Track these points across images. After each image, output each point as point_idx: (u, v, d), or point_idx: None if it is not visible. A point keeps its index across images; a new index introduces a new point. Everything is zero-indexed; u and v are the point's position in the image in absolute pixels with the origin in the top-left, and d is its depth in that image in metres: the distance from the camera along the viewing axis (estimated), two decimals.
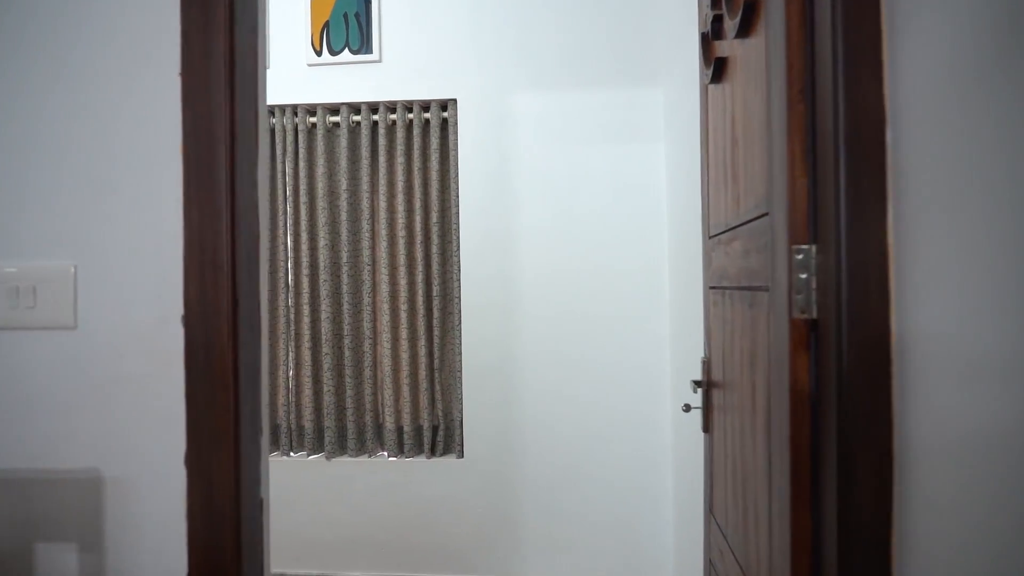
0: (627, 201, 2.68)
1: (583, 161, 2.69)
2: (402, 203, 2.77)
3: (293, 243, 2.81)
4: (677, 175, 2.41)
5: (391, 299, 2.78)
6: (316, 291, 2.84)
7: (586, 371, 2.69)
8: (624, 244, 2.68)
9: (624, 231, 2.68)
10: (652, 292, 2.67)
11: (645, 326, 2.67)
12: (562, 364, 2.70)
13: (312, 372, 2.80)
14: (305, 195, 2.79)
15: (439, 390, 2.78)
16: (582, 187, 2.69)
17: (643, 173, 2.67)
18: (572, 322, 2.69)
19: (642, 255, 2.67)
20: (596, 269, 2.69)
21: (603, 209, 2.68)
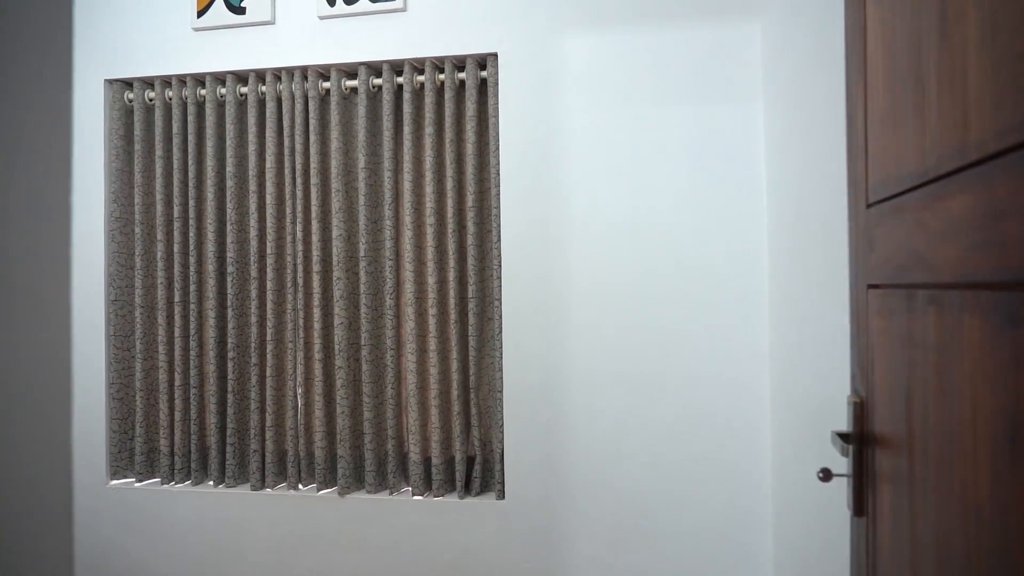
0: (712, 177, 2.08)
1: (654, 127, 2.12)
2: (431, 184, 2.26)
3: (303, 233, 2.34)
4: (786, 139, 1.80)
5: (417, 301, 2.27)
6: (328, 291, 2.36)
7: (659, 395, 2.11)
8: (708, 233, 2.08)
9: (709, 216, 2.08)
10: (746, 295, 2.06)
11: (736, 340, 2.07)
12: (628, 386, 2.13)
13: (324, 388, 2.32)
14: (317, 175, 2.31)
15: (475, 414, 2.25)
16: (653, 161, 2.12)
17: (734, 140, 2.07)
18: (641, 333, 2.12)
19: (732, 248, 2.07)
20: (671, 265, 2.10)
21: (681, 189, 2.10)
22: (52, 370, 2.26)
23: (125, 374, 2.47)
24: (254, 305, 2.35)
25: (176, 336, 2.41)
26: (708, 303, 2.08)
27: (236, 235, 2.38)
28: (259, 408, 2.36)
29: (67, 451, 2.18)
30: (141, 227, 2.44)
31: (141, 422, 2.43)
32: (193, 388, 2.40)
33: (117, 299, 2.44)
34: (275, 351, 2.35)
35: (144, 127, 2.45)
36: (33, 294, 2.23)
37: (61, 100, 2.19)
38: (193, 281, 2.40)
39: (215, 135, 2.39)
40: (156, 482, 2.45)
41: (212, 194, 2.38)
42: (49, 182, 2.26)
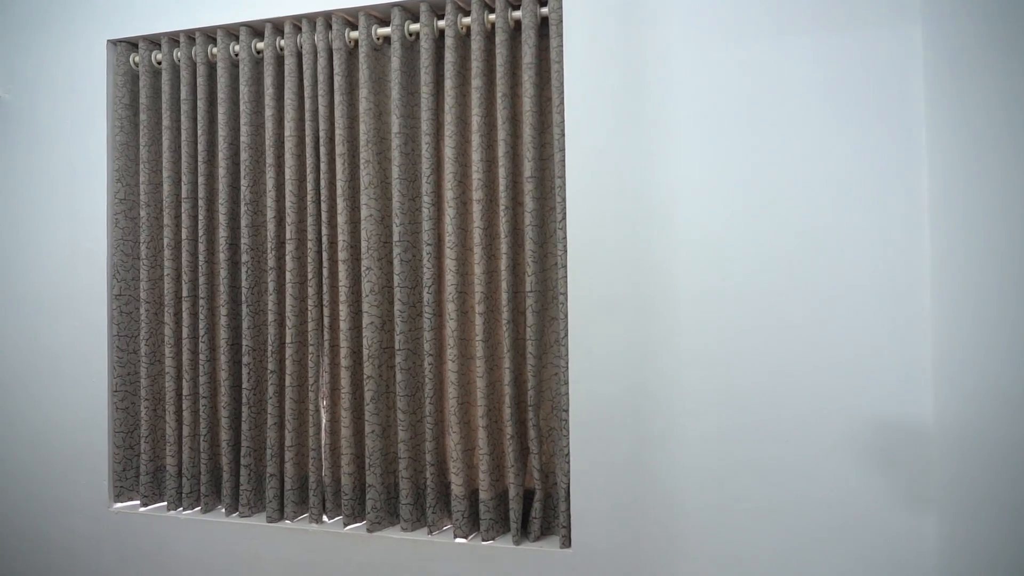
0: (855, 134, 1.55)
1: (774, 68, 1.60)
2: (479, 151, 1.82)
3: (327, 214, 1.94)
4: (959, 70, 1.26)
5: (461, 296, 1.83)
6: (357, 284, 1.95)
7: (779, 421, 1.59)
8: (849, 209, 1.56)
9: (850, 187, 1.56)
10: (901, 291, 1.52)
11: (887, 350, 1.53)
12: (737, 408, 1.62)
13: (351, 402, 1.91)
14: (343, 143, 1.91)
15: (533, 438, 1.79)
16: (774, 113, 1.60)
17: (883, 80, 1.54)
18: (756, 338, 1.61)
19: (882, 229, 1.54)
20: (799, 250, 1.59)
21: (812, 151, 1.58)
22: (49, 375, 1.93)
23: (130, 380, 2.13)
24: (271, 301, 1.97)
25: (184, 337, 2.05)
26: (850, 301, 1.55)
27: (251, 218, 2.00)
28: (277, 424, 1.97)
29: (66, 468, 1.84)
30: (147, 210, 2.10)
31: (147, 436, 2.09)
32: (203, 398, 2.03)
33: (121, 293, 2.11)
34: (295, 356, 1.96)
35: (150, 93, 2.11)
36: (27, 288, 1.88)
37: (61, 65, 1.84)
38: (203, 272, 2.04)
39: (228, 99, 2.02)
40: (162, 507, 2.11)
41: (224, 169, 2.01)
42: (47, 161, 1.92)
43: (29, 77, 2.17)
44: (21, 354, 2.18)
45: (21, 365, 2.18)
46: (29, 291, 2.16)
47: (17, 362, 2.18)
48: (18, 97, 2.18)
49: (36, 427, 2.16)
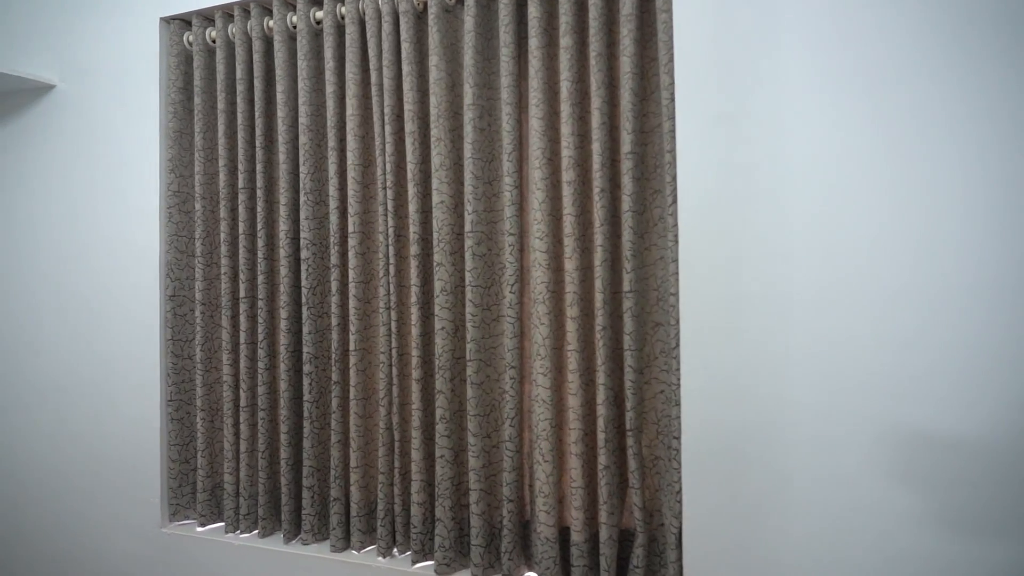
0: (987, 130, 1.17)
1: (912, 27, 1.23)
2: (569, 123, 1.52)
3: (395, 203, 1.69)
4: None
5: (551, 298, 1.54)
6: (428, 282, 1.69)
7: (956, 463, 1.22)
8: (975, 211, 1.17)
9: (978, 188, 1.17)
10: None
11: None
12: (898, 443, 1.26)
13: (423, 420, 1.65)
14: (412, 120, 1.65)
15: (635, 469, 1.48)
16: (905, 90, 1.23)
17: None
18: (927, 355, 1.24)
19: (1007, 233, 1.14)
20: (915, 252, 1.21)
21: (941, 140, 1.20)
22: (101, 381, 1.69)
23: (185, 389, 1.95)
24: (334, 303, 1.74)
25: (241, 343, 1.85)
26: (967, 307, 1.17)
27: (312, 209, 1.78)
28: (341, 442, 1.74)
29: (119, 483, 1.64)
30: (202, 202, 1.91)
31: (204, 451, 1.90)
32: (262, 411, 1.83)
33: (175, 294, 1.93)
34: (360, 365, 1.72)
35: (205, 75, 1.92)
36: (79, 289, 1.61)
37: (113, 49, 1.53)
38: (261, 271, 1.83)
39: (286, 76, 1.80)
40: (220, 528, 1.91)
41: (284, 155, 1.80)
42: (100, 152, 1.50)
43: (83, 64, 2.03)
44: (72, 358, 2.04)
45: (72, 370, 2.04)
46: (81, 292, 2.02)
47: (68, 367, 2.04)
48: (73, 86, 2.04)
49: (88, 437, 2.01)
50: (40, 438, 2.08)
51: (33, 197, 2.09)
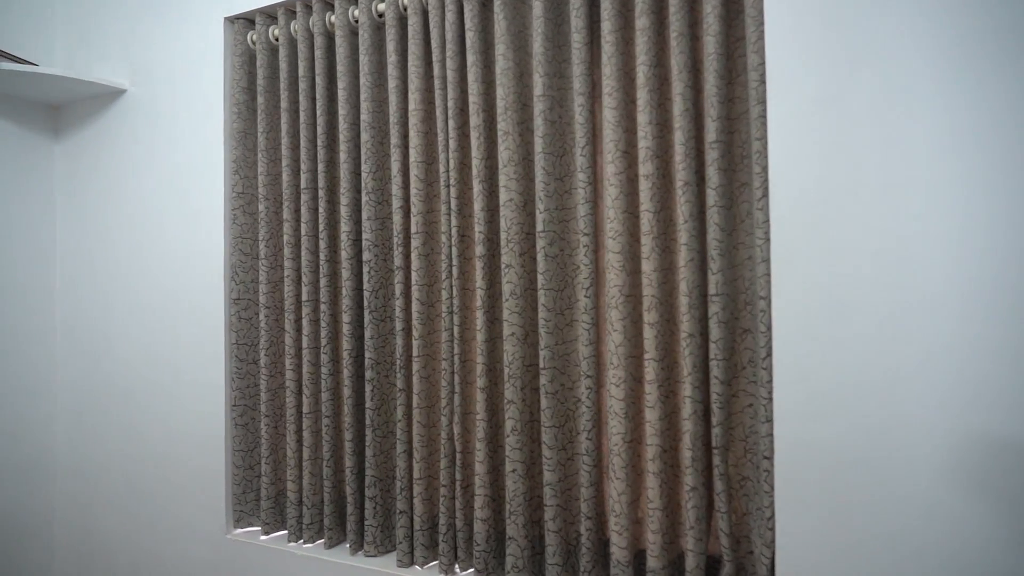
0: None
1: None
2: (647, 111, 1.39)
3: (458, 201, 1.60)
4: None
5: (626, 302, 1.42)
6: (494, 285, 1.59)
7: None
8: None
9: None
10: None
11: None
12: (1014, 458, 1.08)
13: (488, 432, 1.56)
14: (478, 114, 1.56)
15: (721, 491, 1.34)
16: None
17: None
18: None
19: None
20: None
21: None
22: (169, 385, 1.61)
23: (250, 394, 1.92)
24: (398, 306, 1.66)
25: (304, 347, 1.80)
26: None
27: (374, 209, 1.71)
28: (406, 452, 1.67)
29: (186, 488, 1.62)
30: (266, 203, 1.87)
31: (267, 457, 1.86)
32: (326, 417, 1.77)
33: (240, 297, 1.90)
34: (424, 372, 1.64)
35: (268, 74, 1.88)
36: (148, 293, 1.53)
37: (179, 50, 1.46)
38: (324, 273, 1.77)
39: (348, 72, 1.74)
40: (283, 536, 1.87)
41: (346, 154, 1.74)
42: (167, 154, 1.41)
43: (151, 67, 2.02)
44: (142, 361, 2.04)
45: (142, 373, 2.04)
46: (151, 296, 2.01)
47: (138, 370, 2.04)
48: (142, 89, 2.04)
49: (157, 440, 2.01)
50: (112, 441, 2.09)
51: (107, 201, 2.10)
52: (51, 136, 2.19)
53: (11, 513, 2.08)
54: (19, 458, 2.10)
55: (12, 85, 1.98)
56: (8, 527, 2.07)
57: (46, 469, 2.17)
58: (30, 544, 2.13)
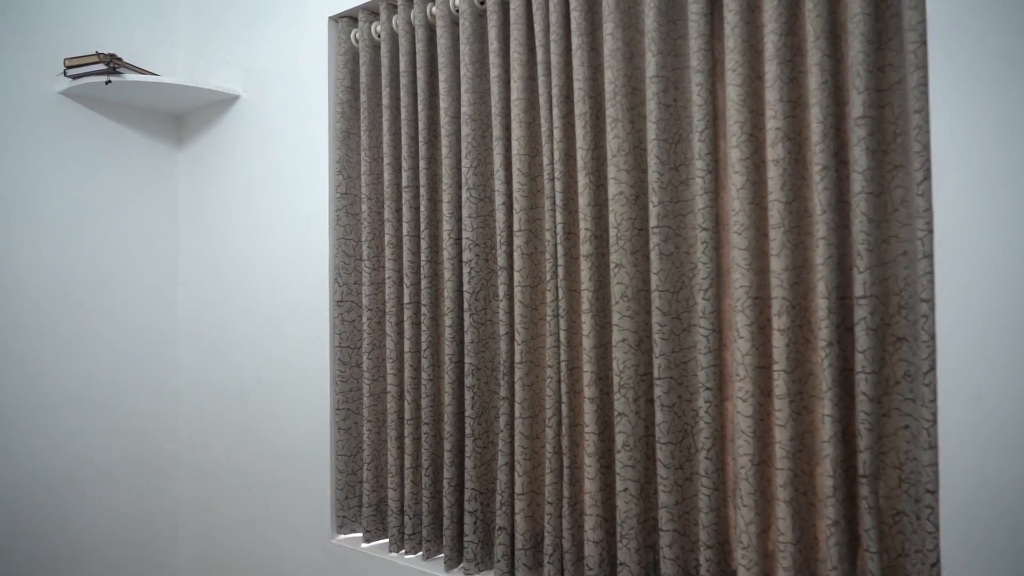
0: None
1: None
2: (776, 86, 1.22)
3: (564, 196, 1.48)
4: None
5: (754, 306, 1.25)
6: (603, 286, 1.46)
7: None
8: None
9: None
10: None
11: None
12: None
13: (599, 446, 1.43)
14: (584, 101, 1.43)
15: (871, 527, 1.14)
16: None
17: None
18: None
19: None
20: None
21: None
22: (278, 386, 1.54)
23: (353, 398, 1.89)
24: (500, 309, 1.57)
25: (406, 351, 1.74)
26: None
27: (475, 206, 1.63)
28: (508, 464, 1.57)
29: (292, 490, 1.60)
30: (368, 203, 1.83)
31: (369, 463, 1.82)
32: (426, 424, 1.70)
33: (343, 299, 1.87)
34: (527, 380, 1.53)
35: (370, 71, 1.84)
36: (260, 295, 1.57)
37: (286, 53, 1.46)
38: (425, 274, 1.71)
39: (448, 64, 1.66)
40: (384, 544, 1.82)
41: (447, 148, 1.66)
42: (276, 157, 1.49)
43: (262, 72, 2.05)
44: (255, 363, 2.06)
45: (255, 374, 2.06)
46: (263, 298, 2.03)
47: (252, 371, 2.07)
48: (254, 95, 2.07)
49: (268, 441, 2.02)
50: (229, 441, 2.13)
51: (223, 205, 2.15)
52: (175, 144, 2.28)
53: (140, 509, 2.17)
54: (146, 456, 2.19)
55: (138, 96, 2.06)
56: (137, 522, 2.16)
57: (171, 467, 2.25)
58: (157, 539, 2.21)
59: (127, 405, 2.15)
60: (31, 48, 1.95)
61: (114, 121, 2.13)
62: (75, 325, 2.03)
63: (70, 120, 2.03)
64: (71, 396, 2.02)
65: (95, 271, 2.08)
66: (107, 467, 2.10)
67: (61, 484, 2.00)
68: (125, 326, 2.14)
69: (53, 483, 1.98)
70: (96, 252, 2.08)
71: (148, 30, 2.20)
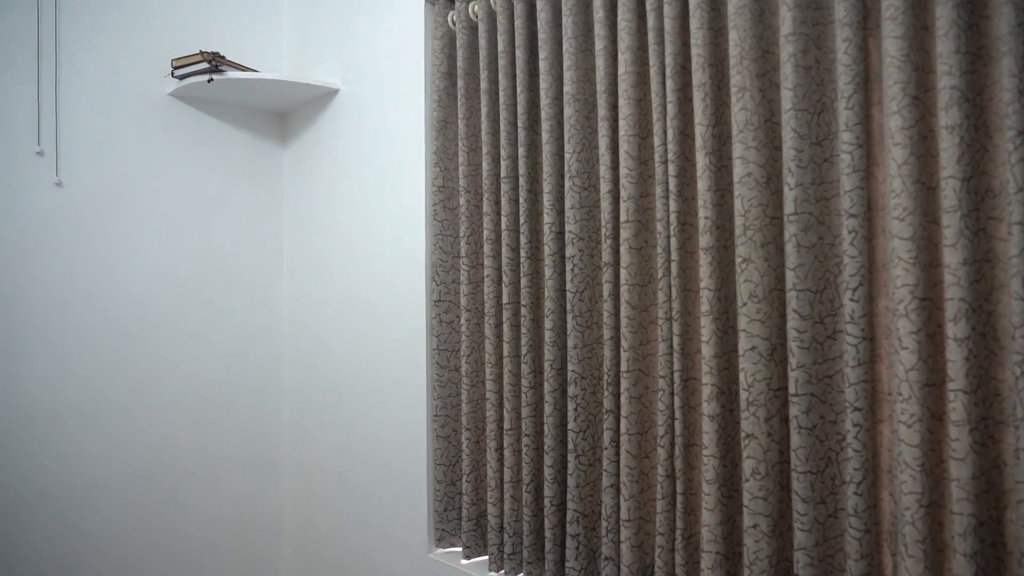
0: None
1: None
2: (949, 37, 0.97)
3: (678, 182, 1.28)
4: None
5: (920, 308, 1.01)
6: (727, 284, 1.25)
7: None
8: None
9: None
10: None
11: None
12: None
13: (720, 472, 1.22)
14: (702, 69, 1.23)
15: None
16: None
17: None
18: None
19: None
20: None
21: None
22: (376, 388, 1.34)
23: (451, 404, 1.77)
24: (606, 311, 1.40)
25: (505, 355, 1.60)
26: None
27: (579, 196, 1.46)
28: (614, 486, 1.39)
29: (391, 498, 1.51)
30: (466, 196, 1.71)
31: (469, 475, 1.70)
32: (526, 436, 1.56)
33: (441, 299, 1.76)
34: (636, 391, 1.35)
35: (467, 54, 1.72)
36: (360, 293, 1.51)
37: (382, 41, 1.38)
38: (525, 272, 1.57)
39: (550, 40, 1.51)
40: (483, 562, 1.70)
41: (548, 134, 1.51)
42: (373, 150, 1.56)
43: (360, 63, 1.98)
44: (355, 362, 2.00)
45: (355, 374, 2.00)
46: (362, 296, 1.97)
47: (352, 371, 2.01)
48: (353, 87, 2.00)
49: (367, 444, 1.95)
50: (328, 440, 2.09)
51: (324, 202, 2.11)
52: (279, 143, 2.27)
53: (246, 505, 2.17)
54: (252, 453, 2.19)
55: (241, 94, 2.05)
56: (243, 518, 2.16)
57: (276, 466, 2.24)
58: (262, 537, 2.20)
59: (235, 403, 2.15)
60: (141, 51, 1.98)
61: (220, 121, 2.13)
62: (185, 323, 2.05)
63: (178, 121, 2.05)
64: (182, 394, 2.04)
65: (204, 270, 2.09)
66: (215, 464, 2.11)
67: (172, 479, 2.02)
68: (233, 324, 2.15)
69: (164, 478, 2.01)
70: (204, 251, 2.09)
71: (255, 28, 2.19)
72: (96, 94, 1.92)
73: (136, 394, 1.97)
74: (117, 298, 1.94)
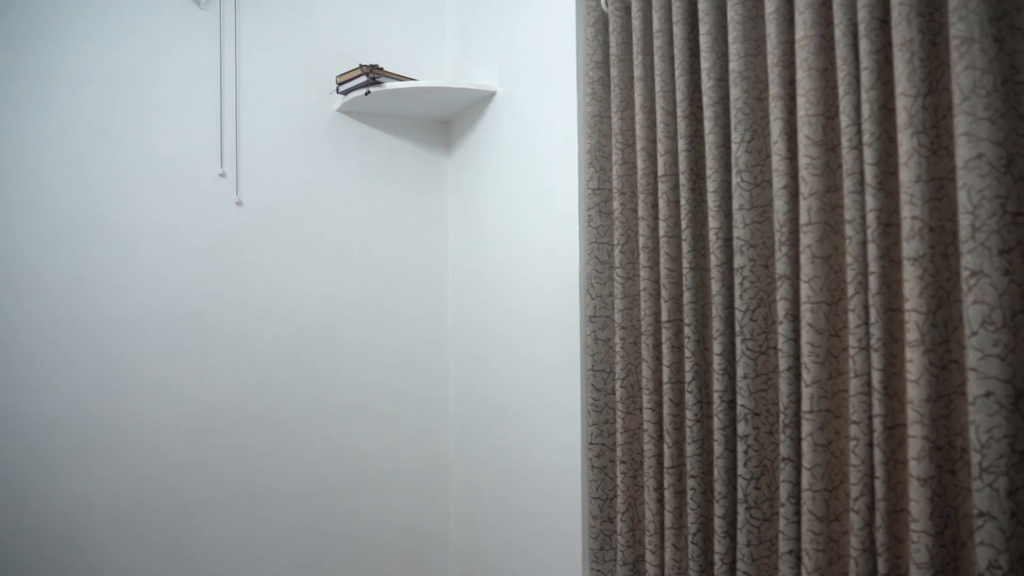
0: None
1: None
2: None
3: (877, 168, 0.99)
4: None
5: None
6: (949, 306, 0.94)
7: None
8: None
9: None
10: None
11: None
12: None
13: (933, 552, 0.92)
14: (905, 24, 0.93)
15: None
16: None
17: None
18: None
19: None
20: None
21: None
22: (536, 407, 1.49)
23: (607, 432, 1.59)
24: (782, 334, 1.13)
25: (665, 381, 1.39)
26: None
27: (749, 194, 1.21)
28: (793, 553, 1.12)
29: (541, 528, 1.39)
30: (621, 199, 1.52)
31: (624, 513, 1.50)
32: (692, 477, 1.33)
33: (596, 315, 1.59)
34: (821, 437, 1.07)
35: (622, 38, 1.52)
36: (516, 304, 1.40)
37: (534, 36, 1.29)
38: (688, 286, 1.34)
39: (712, 10, 1.27)
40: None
41: (712, 123, 1.27)
42: (527, 152, 1.48)
43: (514, 63, 1.86)
44: (512, 377, 1.89)
45: (513, 389, 1.88)
46: (520, 307, 1.85)
47: (510, 385, 1.89)
48: (509, 88, 1.89)
49: (522, 465, 1.83)
50: (489, 457, 2.00)
51: (483, 209, 2.02)
52: (443, 152, 2.23)
53: (413, 518, 2.15)
54: (419, 466, 2.17)
55: (400, 104, 2.04)
56: (409, 531, 2.15)
57: (441, 477, 2.20)
58: (429, 550, 2.18)
59: (401, 414, 2.15)
60: (309, 70, 2.03)
61: (386, 133, 2.14)
62: (353, 335, 2.08)
63: (346, 136, 2.08)
64: (349, 404, 2.07)
65: (371, 282, 2.11)
66: (382, 474, 2.11)
67: (339, 488, 2.06)
68: (400, 336, 2.15)
69: (332, 486, 2.05)
70: (372, 264, 2.11)
71: (417, 37, 2.18)
72: (271, 116, 2.00)
73: (309, 403, 2.02)
74: (291, 311, 2.01)
